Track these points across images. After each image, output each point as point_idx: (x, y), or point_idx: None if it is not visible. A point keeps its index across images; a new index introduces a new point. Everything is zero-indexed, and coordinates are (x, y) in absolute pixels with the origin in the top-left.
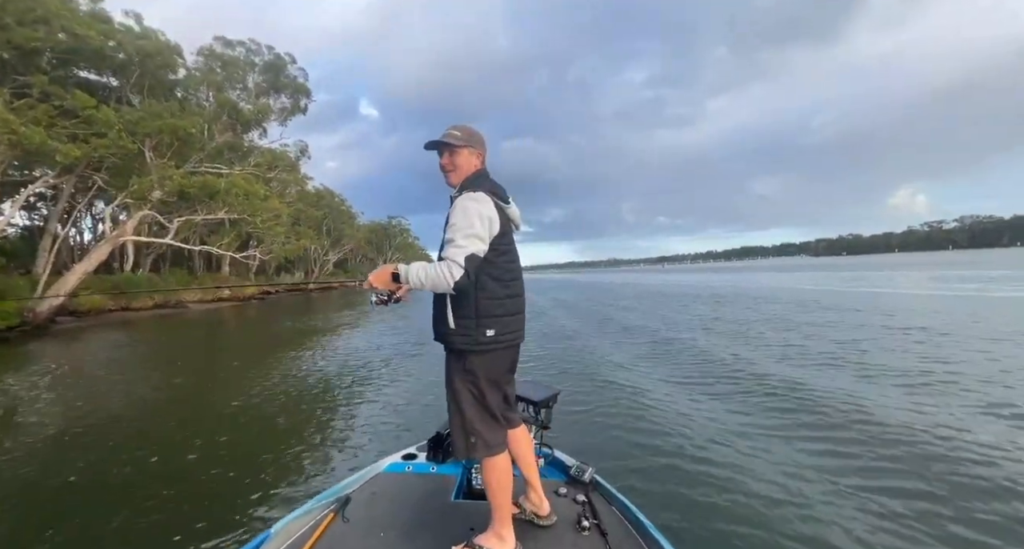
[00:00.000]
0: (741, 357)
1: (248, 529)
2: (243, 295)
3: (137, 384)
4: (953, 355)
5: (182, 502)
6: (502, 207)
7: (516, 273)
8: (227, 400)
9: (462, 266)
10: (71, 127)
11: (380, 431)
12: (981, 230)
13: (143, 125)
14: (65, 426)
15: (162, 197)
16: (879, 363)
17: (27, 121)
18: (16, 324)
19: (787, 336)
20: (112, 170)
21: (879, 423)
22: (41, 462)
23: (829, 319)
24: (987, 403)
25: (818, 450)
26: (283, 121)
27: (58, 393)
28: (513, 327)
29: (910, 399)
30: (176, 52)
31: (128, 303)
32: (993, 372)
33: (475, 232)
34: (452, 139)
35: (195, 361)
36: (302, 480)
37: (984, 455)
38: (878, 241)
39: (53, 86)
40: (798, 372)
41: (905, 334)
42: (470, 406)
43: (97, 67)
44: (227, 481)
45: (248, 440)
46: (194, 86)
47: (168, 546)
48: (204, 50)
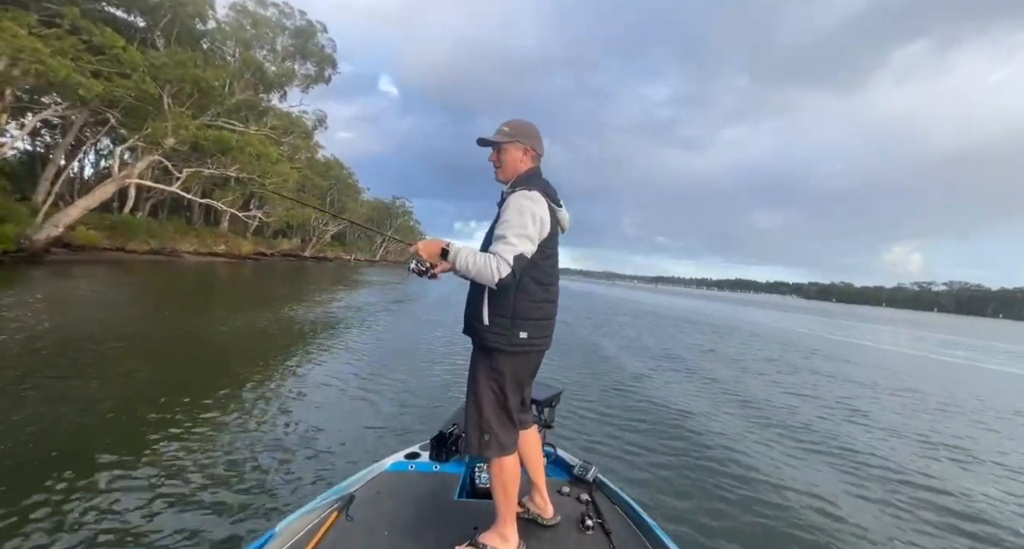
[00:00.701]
0: (738, 378)
1: (252, 527)
2: (238, 253)
3: (132, 366)
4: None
5: (181, 500)
6: (553, 209)
7: (556, 277)
8: (226, 394)
9: (510, 264)
10: (96, 63)
11: (383, 430)
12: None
13: (167, 71)
14: (52, 410)
15: (175, 145)
16: (865, 406)
17: (55, 51)
18: (12, 249)
19: (781, 369)
20: (127, 110)
21: (867, 440)
22: (31, 441)
23: (821, 361)
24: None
25: (818, 456)
26: (305, 88)
27: (45, 325)
28: (546, 331)
29: (894, 431)
30: (209, 3)
31: (123, 244)
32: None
33: (527, 232)
34: (500, 136)
35: (185, 331)
36: (306, 478)
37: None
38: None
39: (84, 20)
40: (793, 398)
41: (888, 388)
42: (490, 404)
43: (128, 6)
44: (229, 479)
45: (249, 438)
46: (222, 39)
47: (169, 545)
48: (237, 5)
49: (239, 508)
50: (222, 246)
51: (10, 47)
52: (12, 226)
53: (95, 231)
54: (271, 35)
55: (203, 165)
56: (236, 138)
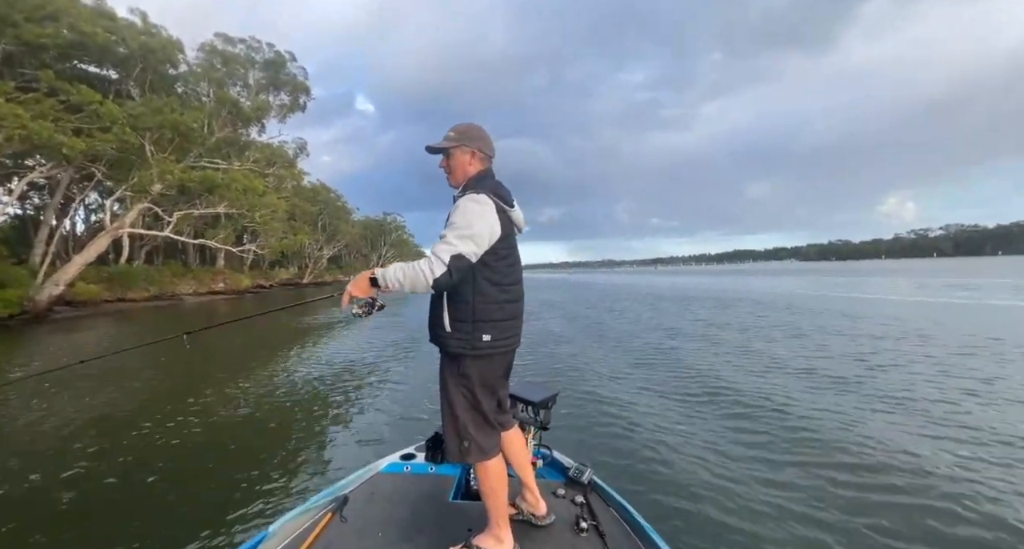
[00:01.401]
0: (739, 366)
1: (246, 528)
2: (238, 288)
3: (133, 379)
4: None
5: (178, 501)
6: (505, 210)
7: (516, 277)
8: (223, 398)
9: (445, 264)
10: (75, 121)
11: (378, 431)
12: (965, 239)
13: (145, 120)
14: (63, 423)
15: (162, 190)
16: (872, 375)
17: (35, 115)
18: (17, 312)
19: (783, 344)
20: (112, 163)
21: (871, 432)
22: (38, 458)
23: (823, 327)
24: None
25: (815, 457)
26: (282, 118)
27: (56, 388)
28: (510, 332)
29: (904, 417)
30: (178, 48)
31: (124, 294)
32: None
33: (471, 233)
34: (446, 141)
35: (190, 355)
36: (300, 479)
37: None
38: (867, 247)
39: (60, 81)
40: (795, 383)
41: (889, 342)
42: (464, 410)
43: (99, 61)
44: (224, 480)
45: (246, 439)
46: (195, 81)
47: (165, 545)
48: (205, 46)
49: (233, 508)
50: (220, 284)
51: None
52: (14, 290)
53: (94, 285)
54: (242, 71)
55: (192, 206)
56: (221, 176)
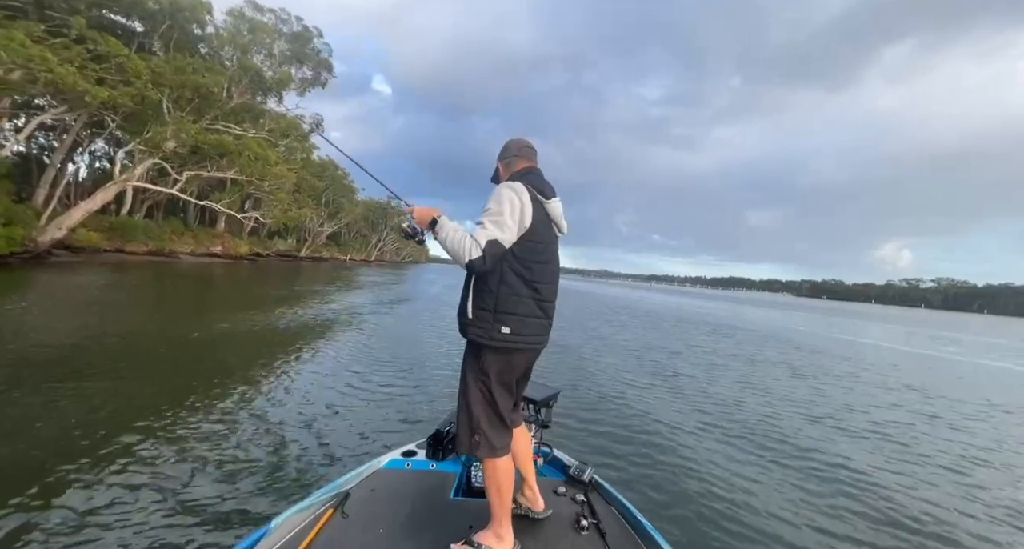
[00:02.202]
0: (738, 382)
1: (246, 524)
2: (235, 254)
3: (131, 372)
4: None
5: (177, 496)
6: (540, 201)
7: (547, 276)
8: (222, 392)
9: (482, 248)
10: (100, 71)
11: (380, 427)
12: (954, 294)
13: (167, 78)
14: (46, 423)
15: (175, 148)
16: (861, 408)
17: (62, 60)
18: (18, 251)
19: (778, 369)
20: (127, 115)
21: (860, 443)
22: (36, 456)
23: (817, 360)
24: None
25: (813, 459)
26: (302, 92)
27: (53, 325)
28: (534, 330)
29: (891, 440)
30: (207, 9)
31: (123, 245)
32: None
33: (502, 219)
34: (496, 167)
35: (185, 330)
36: (301, 475)
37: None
38: (858, 290)
39: (90, 30)
40: (790, 401)
41: (875, 381)
42: (478, 404)
43: (127, 13)
44: (224, 475)
45: (245, 434)
46: (219, 45)
47: (164, 542)
48: (234, 11)
49: (234, 504)
50: (218, 247)
51: (21, 56)
52: (19, 228)
53: (95, 233)
54: (268, 40)
55: (203, 168)
56: (235, 142)
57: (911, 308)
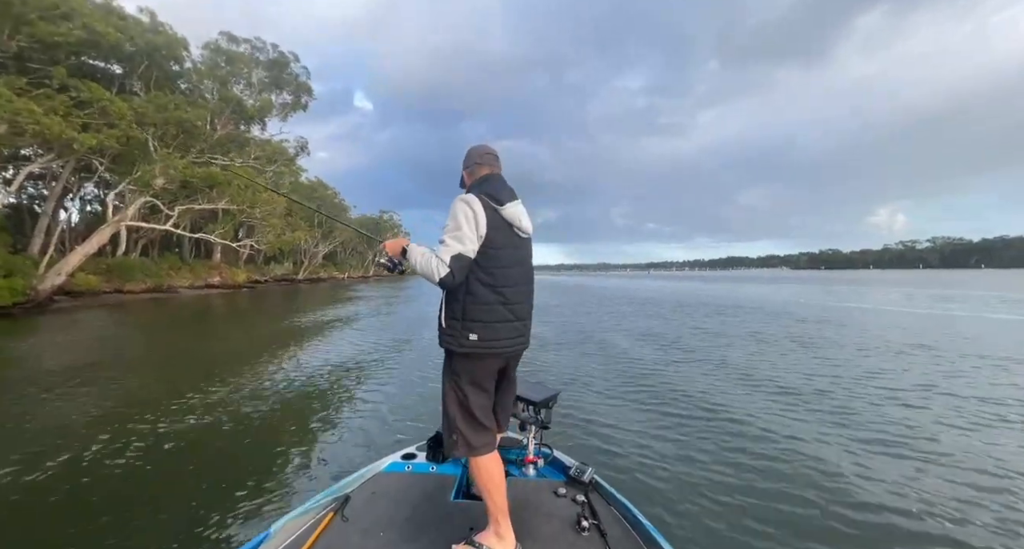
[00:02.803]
0: (740, 371)
1: (247, 528)
2: (234, 283)
3: (132, 376)
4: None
5: (178, 500)
6: (494, 208)
7: (511, 279)
8: (224, 397)
9: (447, 264)
10: (84, 117)
11: (380, 431)
12: (951, 251)
13: (150, 116)
14: (56, 419)
15: (164, 185)
16: (868, 374)
17: (47, 110)
18: (21, 301)
19: (781, 352)
20: (114, 156)
21: (875, 423)
22: (34, 454)
23: (824, 336)
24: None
25: (819, 454)
26: (284, 117)
27: (62, 370)
28: (503, 335)
29: (905, 407)
30: (183, 45)
31: (121, 285)
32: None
33: (460, 232)
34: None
35: (189, 350)
36: (301, 479)
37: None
38: (855, 257)
39: (71, 79)
40: (797, 381)
41: (883, 356)
42: (453, 405)
43: (106, 58)
44: (225, 480)
45: (246, 438)
46: (198, 79)
47: (165, 545)
48: (210, 45)
49: (234, 508)
50: (216, 278)
51: (8, 111)
52: (19, 279)
53: (93, 276)
54: (246, 70)
55: (194, 201)
56: (223, 173)
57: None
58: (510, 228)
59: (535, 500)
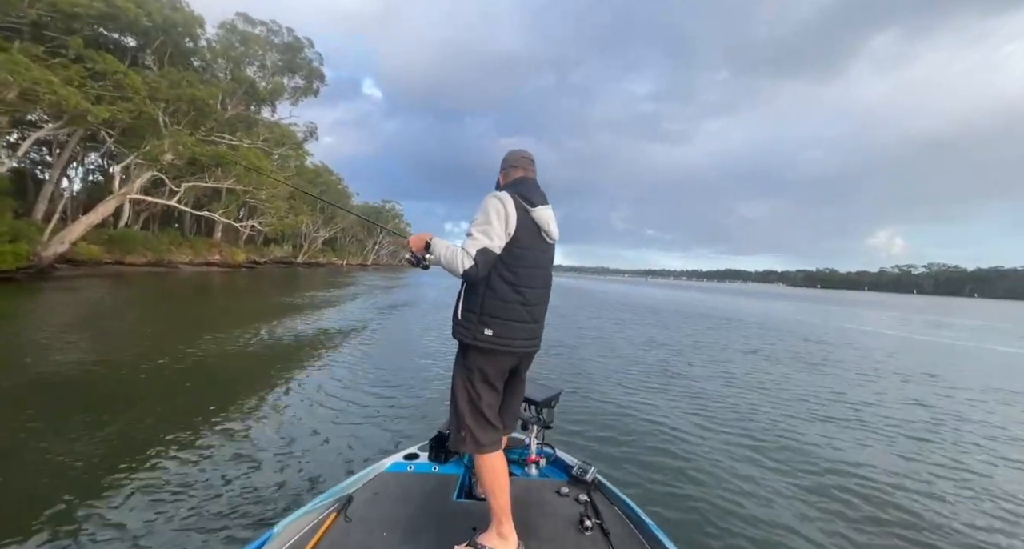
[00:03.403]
0: (739, 375)
1: (250, 528)
2: (233, 262)
3: (130, 377)
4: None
5: (181, 501)
6: (526, 209)
7: (534, 281)
8: (224, 397)
9: (473, 257)
10: (98, 88)
11: (382, 431)
12: (945, 279)
13: (164, 91)
14: (50, 427)
15: (172, 160)
16: (867, 400)
17: (63, 80)
18: (24, 266)
19: (777, 361)
20: (124, 129)
21: (873, 430)
22: (32, 454)
23: (820, 351)
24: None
25: (819, 453)
26: (295, 101)
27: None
28: (519, 334)
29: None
30: (199, 23)
31: (122, 257)
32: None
33: (489, 227)
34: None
35: (185, 349)
36: (304, 479)
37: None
38: (852, 278)
39: (87, 49)
40: (797, 392)
41: (886, 373)
42: (464, 401)
43: (122, 30)
44: (228, 480)
45: (248, 439)
46: (212, 57)
47: (167, 545)
48: (226, 24)
49: (237, 509)
50: (216, 256)
51: (26, 79)
52: (24, 244)
53: (95, 246)
54: (260, 52)
55: (200, 179)
56: (231, 152)
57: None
58: (538, 231)
59: (538, 500)
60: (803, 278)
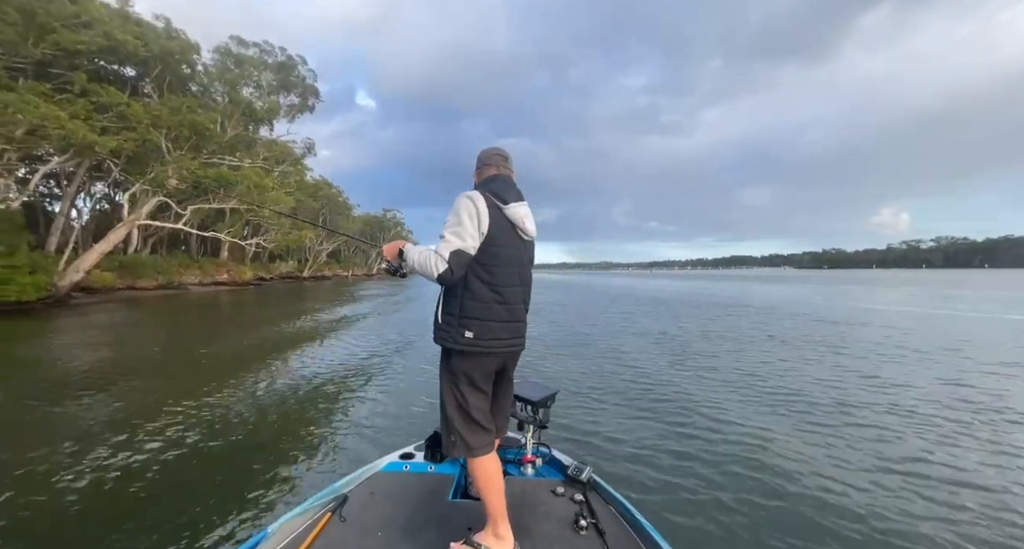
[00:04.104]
0: (737, 367)
1: (245, 528)
2: (241, 280)
3: (129, 379)
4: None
5: (175, 502)
6: (498, 207)
7: (511, 280)
8: (220, 398)
9: (446, 260)
10: (103, 120)
11: (378, 430)
12: (955, 251)
13: (166, 119)
14: (51, 426)
15: (177, 185)
16: (873, 373)
17: (70, 115)
18: (43, 297)
19: (782, 345)
20: (129, 158)
21: (872, 425)
22: (31, 456)
23: (833, 335)
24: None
25: (816, 453)
26: (291, 118)
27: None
28: (500, 334)
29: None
30: (196, 50)
31: (134, 282)
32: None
33: (461, 228)
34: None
35: (184, 353)
36: (299, 479)
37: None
38: (859, 257)
39: (92, 84)
40: (796, 379)
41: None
42: (452, 406)
43: (122, 62)
44: (223, 480)
45: (243, 439)
46: (209, 81)
47: (160, 545)
48: (220, 48)
49: (231, 508)
50: (224, 275)
51: (37, 116)
52: (42, 276)
53: (107, 273)
54: (255, 73)
55: (205, 201)
56: (233, 172)
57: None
58: (513, 228)
59: (533, 499)
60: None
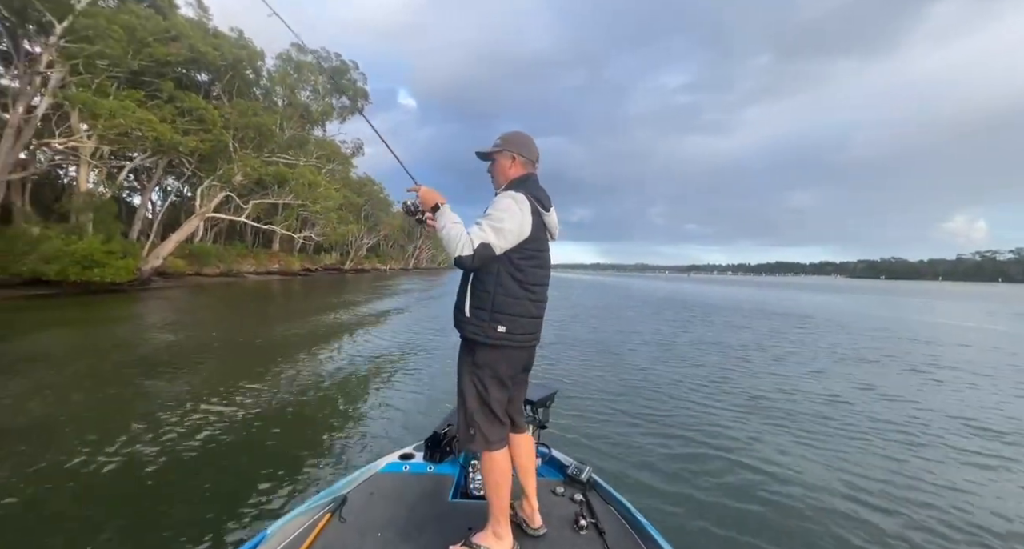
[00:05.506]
0: (749, 370)
1: (243, 530)
2: (290, 270)
3: (129, 379)
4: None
5: (173, 503)
6: (540, 213)
7: (541, 280)
8: (218, 399)
9: (474, 247)
10: (184, 123)
11: (377, 431)
12: None
13: (235, 121)
14: (47, 421)
15: (241, 181)
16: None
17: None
18: (131, 279)
19: (801, 350)
20: (201, 156)
21: (873, 426)
22: (30, 453)
23: (899, 351)
24: None
25: (814, 455)
26: (343, 119)
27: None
28: (528, 328)
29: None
30: (261, 57)
31: (200, 269)
32: None
33: (500, 226)
34: (491, 147)
35: (179, 350)
36: (298, 480)
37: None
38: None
39: (177, 91)
40: (801, 387)
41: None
42: (473, 399)
43: (200, 69)
44: (220, 481)
45: (241, 440)
46: (271, 86)
47: (159, 547)
48: (282, 55)
49: (230, 510)
50: (276, 265)
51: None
52: (132, 260)
53: (179, 260)
54: (312, 77)
55: (264, 196)
56: (290, 171)
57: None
58: (546, 232)
59: None
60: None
